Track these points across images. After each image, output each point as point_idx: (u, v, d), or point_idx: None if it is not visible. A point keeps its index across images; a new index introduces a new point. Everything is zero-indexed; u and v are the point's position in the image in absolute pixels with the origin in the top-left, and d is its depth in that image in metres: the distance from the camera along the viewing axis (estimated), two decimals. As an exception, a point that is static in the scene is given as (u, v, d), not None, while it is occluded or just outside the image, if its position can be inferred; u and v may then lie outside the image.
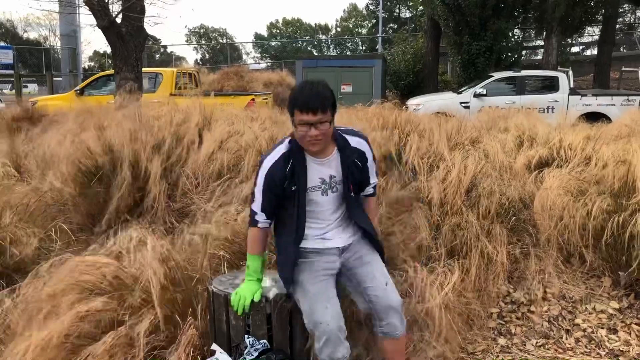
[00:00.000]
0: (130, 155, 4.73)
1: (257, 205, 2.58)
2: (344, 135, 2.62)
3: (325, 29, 58.48)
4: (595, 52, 24.51)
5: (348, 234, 2.71)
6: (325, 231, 2.66)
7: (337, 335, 2.43)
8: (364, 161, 2.64)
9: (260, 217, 2.59)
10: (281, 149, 2.55)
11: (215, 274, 3.08)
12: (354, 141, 2.63)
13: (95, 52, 46.90)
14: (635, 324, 3.54)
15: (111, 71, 11.77)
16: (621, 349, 3.32)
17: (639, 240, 3.60)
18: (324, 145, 2.50)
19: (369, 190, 2.78)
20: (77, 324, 2.59)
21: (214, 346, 2.60)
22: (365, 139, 2.70)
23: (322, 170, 2.57)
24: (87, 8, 9.12)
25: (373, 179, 2.77)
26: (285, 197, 2.56)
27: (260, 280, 2.63)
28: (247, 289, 2.57)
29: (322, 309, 2.46)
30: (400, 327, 2.60)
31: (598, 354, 3.30)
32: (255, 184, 2.59)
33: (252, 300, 2.55)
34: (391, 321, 2.58)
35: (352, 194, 2.65)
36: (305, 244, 2.62)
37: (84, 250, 3.04)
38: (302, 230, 2.60)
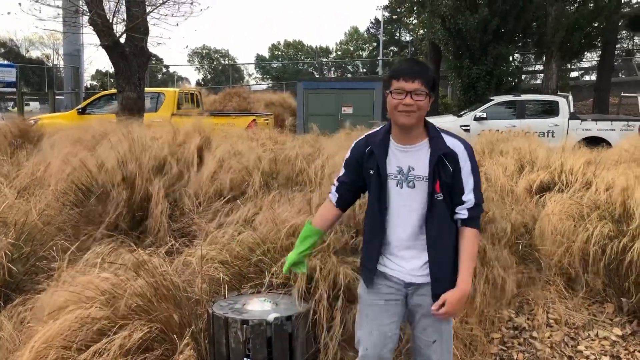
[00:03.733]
0: (127, 176, 4.74)
1: (338, 175, 2.49)
2: (440, 132, 2.35)
3: (326, 51, 58.96)
4: (594, 77, 24.70)
5: (420, 265, 2.31)
6: (392, 251, 2.35)
7: None
8: (455, 166, 2.25)
9: (333, 188, 2.48)
10: (373, 130, 2.44)
11: (215, 295, 3.05)
12: (449, 140, 2.30)
13: (98, 71, 47.21)
14: (639, 351, 3.49)
15: (113, 90, 11.84)
16: (625, 377, 3.28)
17: (637, 266, 3.58)
18: (416, 121, 2.24)
19: (461, 211, 2.27)
20: (75, 331, 2.58)
21: (213, 369, 2.57)
22: (466, 144, 2.31)
23: (402, 158, 2.29)
24: (91, 28, 9.19)
25: (468, 195, 2.26)
26: (366, 184, 2.39)
27: (301, 254, 2.47)
28: (290, 255, 2.50)
29: (366, 333, 2.38)
30: None
31: (601, 381, 3.25)
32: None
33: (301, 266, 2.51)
34: None
35: (440, 198, 2.25)
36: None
37: (82, 268, 3.02)
38: (384, 220, 2.32)
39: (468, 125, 12.63)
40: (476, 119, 12.71)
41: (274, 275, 3.00)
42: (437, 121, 13.57)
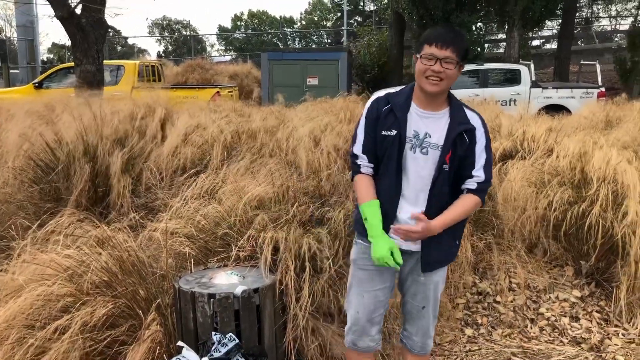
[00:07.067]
0: (87, 149, 4.61)
1: (358, 147, 2.34)
2: (461, 104, 2.32)
3: (290, 21, 58.18)
4: (554, 45, 25.05)
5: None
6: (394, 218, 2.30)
7: (363, 326, 2.42)
8: (472, 139, 2.25)
9: (362, 161, 2.34)
10: (394, 89, 2.38)
11: (181, 270, 3.03)
12: (469, 113, 2.29)
13: (54, 44, 45.61)
14: (596, 311, 3.62)
15: (71, 64, 11.47)
16: (583, 336, 3.40)
17: (597, 230, 3.68)
18: (442, 90, 2.21)
19: (470, 183, 2.27)
20: (38, 309, 2.54)
21: (180, 343, 2.55)
22: (483, 120, 2.31)
23: (420, 123, 2.26)
24: (45, -2, 8.84)
25: (478, 171, 2.26)
26: (378, 145, 2.30)
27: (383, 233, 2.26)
28: (380, 247, 2.22)
29: (358, 296, 2.41)
30: (419, 350, 2.50)
31: (561, 341, 3.37)
32: (358, 123, 2.37)
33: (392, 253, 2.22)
34: (413, 338, 2.49)
35: (447, 169, 2.23)
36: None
37: (43, 246, 2.94)
38: (400, 183, 2.28)
39: (432, 95, 12.69)
40: (440, 88, 12.76)
41: (240, 248, 2.99)
42: (402, 91, 13.63)
